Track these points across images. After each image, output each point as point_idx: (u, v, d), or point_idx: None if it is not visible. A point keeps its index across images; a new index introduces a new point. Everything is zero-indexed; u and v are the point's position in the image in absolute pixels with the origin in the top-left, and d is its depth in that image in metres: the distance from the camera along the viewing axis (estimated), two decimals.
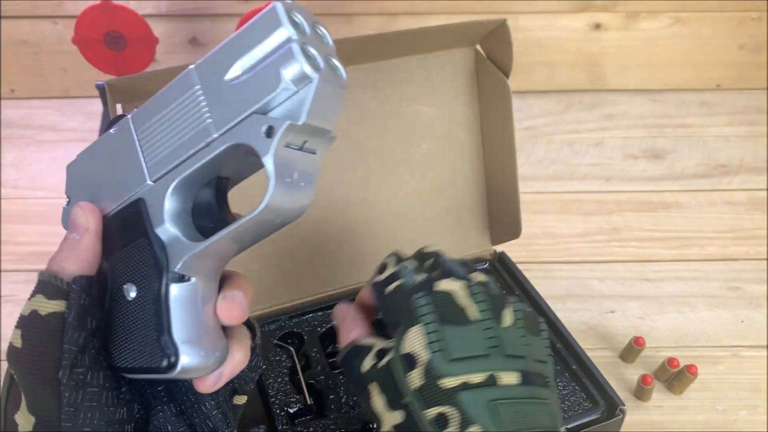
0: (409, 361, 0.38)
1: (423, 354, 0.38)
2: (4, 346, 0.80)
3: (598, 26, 1.13)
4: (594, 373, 0.65)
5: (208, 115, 0.34)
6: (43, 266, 0.39)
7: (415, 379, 0.37)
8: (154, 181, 0.36)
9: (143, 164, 0.37)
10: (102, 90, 0.97)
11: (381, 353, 0.40)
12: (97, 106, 1.01)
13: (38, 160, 1.04)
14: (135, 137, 0.37)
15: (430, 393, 0.37)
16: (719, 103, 1.14)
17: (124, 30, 0.92)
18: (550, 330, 0.71)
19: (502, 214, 0.79)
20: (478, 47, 0.75)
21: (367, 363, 0.40)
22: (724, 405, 0.73)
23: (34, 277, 0.92)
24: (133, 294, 0.35)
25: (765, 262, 0.89)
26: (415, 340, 0.38)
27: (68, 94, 1.14)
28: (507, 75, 0.72)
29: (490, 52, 0.74)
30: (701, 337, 0.80)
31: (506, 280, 0.76)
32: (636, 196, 0.98)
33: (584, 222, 0.94)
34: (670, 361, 0.73)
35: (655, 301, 0.84)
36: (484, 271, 0.79)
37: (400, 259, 0.47)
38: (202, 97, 0.35)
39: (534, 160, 1.04)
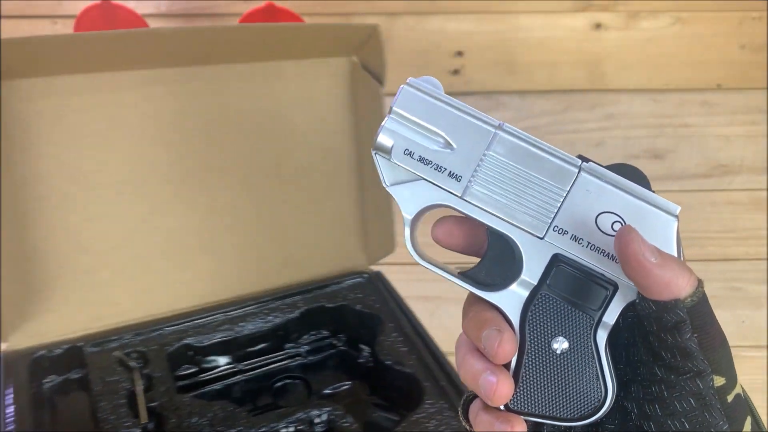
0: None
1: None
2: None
3: (598, 26, 1.13)
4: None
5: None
6: None
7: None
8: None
9: (553, 216, 0.36)
10: None
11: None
12: None
13: None
14: (571, 187, 0.37)
15: None
16: (720, 103, 1.14)
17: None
18: (422, 346, 0.72)
19: (377, 228, 0.76)
20: (354, 57, 0.71)
21: None
22: None
23: None
24: (564, 347, 0.36)
25: (765, 262, 0.89)
26: None
27: None
28: (381, 83, 0.70)
29: (365, 59, 0.72)
30: None
31: (383, 294, 0.76)
32: None
33: None
34: None
35: None
36: (360, 284, 0.79)
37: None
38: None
39: None
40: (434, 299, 0.85)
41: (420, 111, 0.37)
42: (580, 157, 0.38)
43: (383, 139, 0.37)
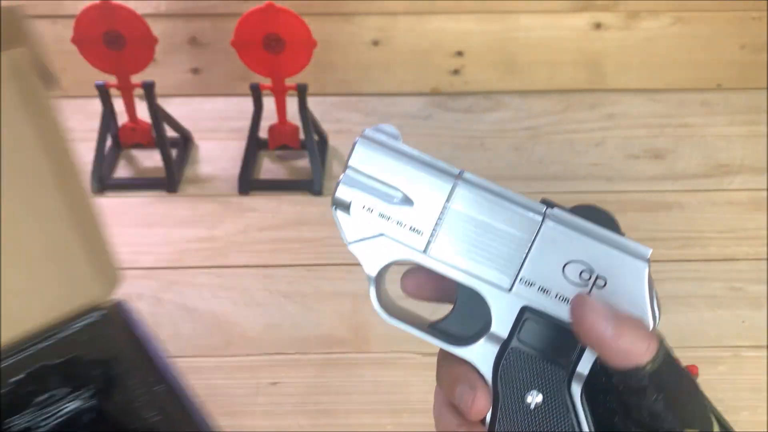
0: None
1: None
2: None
3: (598, 26, 1.13)
4: None
5: None
6: None
7: None
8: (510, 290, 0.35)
9: (518, 268, 0.35)
10: (102, 90, 0.97)
11: None
12: (96, 105, 1.01)
13: None
14: (535, 237, 0.35)
15: None
16: (720, 103, 1.14)
17: (124, 30, 0.91)
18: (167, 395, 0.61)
19: (98, 257, 0.65)
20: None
21: None
22: (725, 405, 0.73)
23: None
24: (537, 401, 0.35)
25: (766, 262, 0.89)
26: None
27: (67, 93, 1.14)
28: (48, 80, 0.59)
29: (19, 54, 0.58)
30: (702, 338, 0.80)
31: (123, 333, 0.65)
32: (637, 196, 0.98)
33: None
34: None
35: None
36: (94, 324, 0.65)
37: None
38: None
39: (534, 160, 1.04)
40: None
41: (376, 165, 0.36)
42: (544, 201, 0.36)
43: (341, 194, 0.36)
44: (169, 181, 0.98)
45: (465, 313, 0.37)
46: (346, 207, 0.36)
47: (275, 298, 0.85)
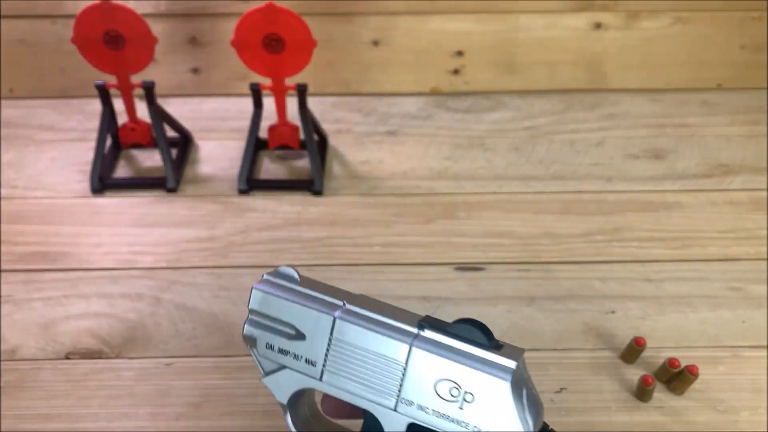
0: None
1: None
2: (5, 346, 0.80)
3: (598, 26, 1.13)
4: None
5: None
6: (41, 266, 0.39)
7: None
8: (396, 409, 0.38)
9: (398, 390, 0.38)
10: (101, 90, 0.97)
11: None
12: (96, 105, 1.01)
13: (37, 159, 1.03)
14: (407, 361, 0.38)
15: None
16: (720, 103, 1.14)
17: (123, 29, 0.91)
18: None
19: None
20: None
21: None
22: (725, 406, 0.73)
23: (32, 278, 0.93)
24: None
25: (766, 262, 0.89)
26: None
27: (67, 93, 1.14)
28: None
29: None
30: (702, 338, 0.80)
31: None
32: (637, 196, 0.98)
33: (585, 222, 0.94)
34: (671, 362, 0.73)
35: (656, 301, 0.84)
36: None
37: None
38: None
39: (534, 159, 1.04)
40: (434, 299, 0.85)
41: (271, 307, 0.41)
42: (420, 323, 0.39)
43: (247, 333, 0.42)
44: (169, 181, 0.98)
45: (371, 430, 0.40)
46: (254, 346, 0.42)
47: None
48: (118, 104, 1.01)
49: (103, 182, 0.99)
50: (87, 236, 0.92)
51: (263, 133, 1.03)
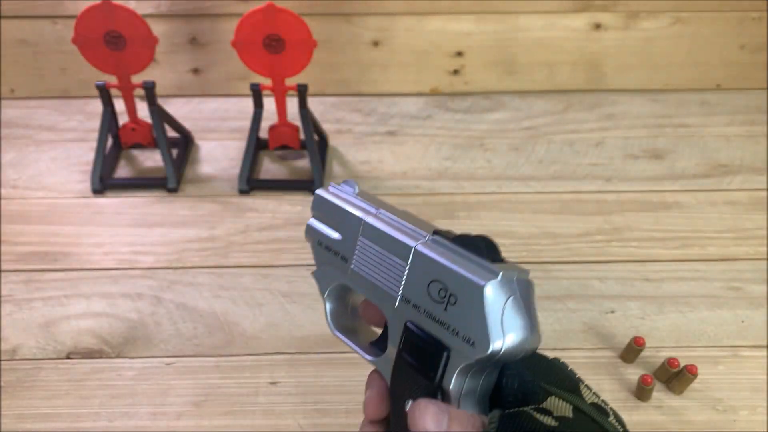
0: (600, 410, 0.39)
1: (606, 406, 0.39)
2: (5, 346, 0.80)
3: (598, 26, 1.13)
4: None
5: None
6: (42, 266, 0.39)
7: (615, 425, 0.38)
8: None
9: (400, 288, 0.41)
10: (102, 90, 0.97)
11: (543, 411, 0.38)
12: (96, 106, 1.01)
13: (37, 159, 1.04)
14: (410, 261, 0.41)
15: None
16: (720, 103, 1.14)
17: (124, 30, 0.92)
18: None
19: None
20: None
21: (545, 419, 0.37)
22: (724, 405, 0.73)
23: (33, 277, 0.93)
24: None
25: (765, 262, 0.89)
26: (590, 394, 0.40)
27: (67, 93, 1.14)
28: None
29: None
30: (701, 337, 0.80)
31: None
32: (636, 196, 0.98)
33: (584, 222, 0.94)
34: (671, 361, 0.73)
35: (656, 301, 0.84)
36: None
37: None
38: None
39: (534, 160, 1.04)
40: None
41: (323, 209, 0.47)
42: (434, 231, 0.41)
43: (306, 233, 0.48)
44: (170, 181, 0.98)
45: (386, 331, 0.43)
46: (311, 242, 0.48)
47: (275, 298, 0.85)
48: (119, 104, 1.01)
49: (103, 182, 0.99)
50: (87, 236, 0.92)
51: (263, 133, 1.03)
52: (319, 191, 0.48)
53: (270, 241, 0.92)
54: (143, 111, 1.01)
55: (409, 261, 0.40)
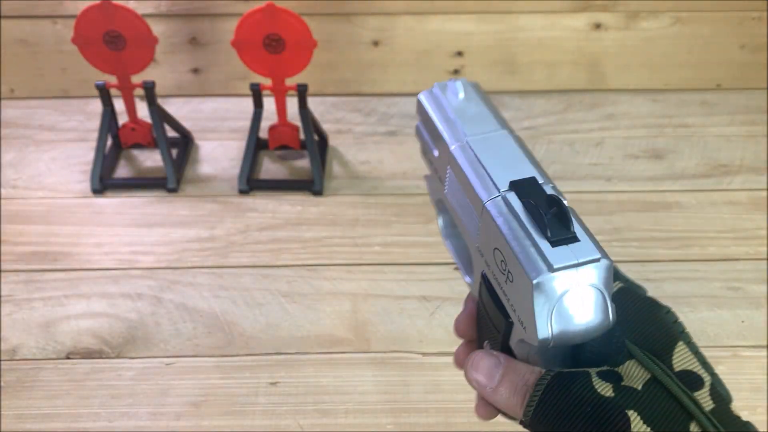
0: (692, 379, 0.33)
1: (703, 374, 0.34)
2: (5, 346, 0.80)
3: (598, 26, 1.13)
4: None
5: None
6: (41, 266, 0.39)
7: (707, 400, 0.33)
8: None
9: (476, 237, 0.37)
10: (102, 90, 0.97)
11: (610, 376, 0.33)
12: (96, 105, 1.01)
13: (37, 159, 1.03)
14: (481, 215, 0.36)
15: (724, 418, 0.33)
16: (720, 103, 1.14)
17: (124, 30, 0.91)
18: None
19: None
20: None
21: (603, 388, 0.33)
22: None
23: (33, 278, 0.92)
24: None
25: (765, 262, 0.89)
26: (686, 357, 0.34)
27: (67, 93, 1.14)
28: None
29: None
30: (702, 337, 0.80)
31: None
32: (636, 196, 0.98)
33: (585, 222, 0.94)
34: None
35: None
36: None
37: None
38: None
39: None
40: (434, 299, 0.85)
41: (424, 120, 0.42)
42: (515, 182, 0.35)
43: (416, 133, 0.43)
44: (169, 181, 0.98)
45: None
46: (421, 149, 0.43)
47: (275, 298, 0.85)
48: (119, 104, 1.01)
49: (103, 182, 0.99)
50: (87, 236, 0.92)
51: (263, 133, 1.03)
52: (421, 95, 0.43)
53: (270, 241, 0.92)
54: (143, 111, 1.01)
55: (480, 217, 0.36)
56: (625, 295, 0.38)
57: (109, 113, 0.99)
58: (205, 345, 0.80)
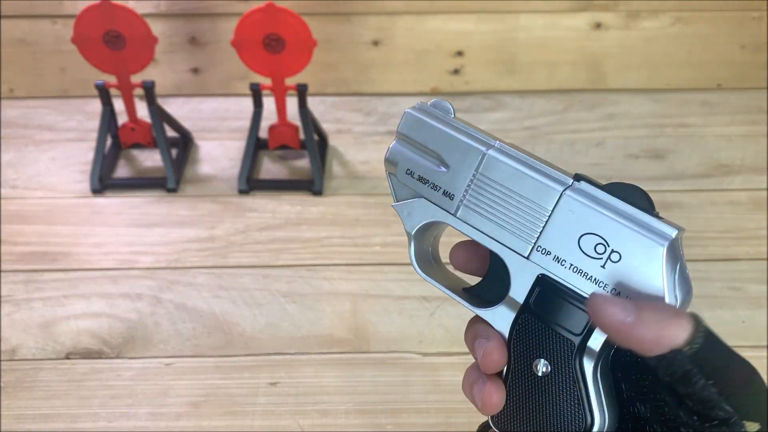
0: None
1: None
2: (5, 346, 0.80)
3: (598, 26, 1.13)
4: None
5: None
6: (41, 266, 0.39)
7: None
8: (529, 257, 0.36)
9: (537, 236, 0.36)
10: (101, 89, 0.97)
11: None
12: (96, 105, 1.01)
13: (37, 159, 1.03)
14: (554, 207, 0.36)
15: None
16: (720, 103, 1.14)
17: (123, 29, 0.91)
18: None
19: None
20: None
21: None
22: None
23: (33, 278, 0.92)
24: (545, 370, 0.36)
25: (766, 262, 0.89)
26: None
27: (67, 93, 1.14)
28: None
29: None
30: None
31: None
32: None
33: None
34: None
35: None
36: None
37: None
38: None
39: None
40: (434, 299, 0.85)
41: (420, 133, 0.39)
42: (577, 176, 0.36)
43: (389, 158, 0.40)
44: (169, 181, 0.98)
45: (495, 279, 0.39)
46: (394, 170, 0.40)
47: (275, 298, 0.85)
48: (118, 104, 1.01)
49: (103, 182, 0.99)
50: (87, 236, 0.92)
51: (263, 133, 1.03)
52: (410, 110, 0.40)
53: (270, 241, 0.92)
54: (142, 111, 1.01)
55: (554, 209, 0.35)
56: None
57: (108, 113, 0.99)
58: (205, 345, 0.80)
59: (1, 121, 1.10)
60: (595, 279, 0.34)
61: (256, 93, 0.98)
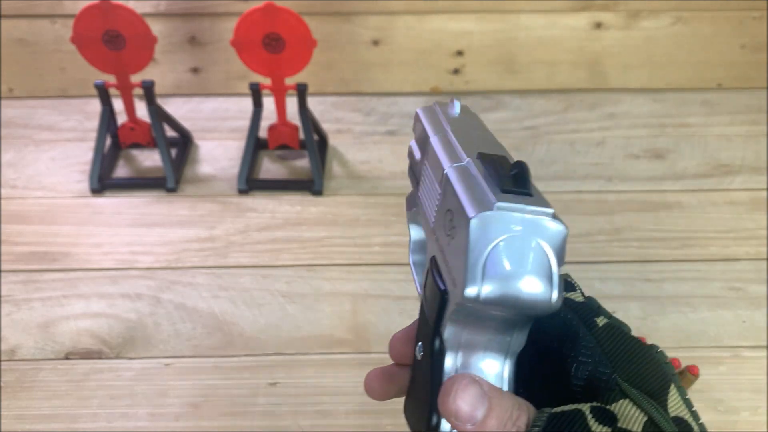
0: (683, 428, 0.31)
1: (692, 423, 0.32)
2: (4, 346, 0.80)
3: (599, 25, 1.13)
4: None
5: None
6: (40, 266, 0.39)
7: None
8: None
9: (434, 217, 0.35)
10: (101, 89, 0.96)
11: (604, 415, 0.30)
12: (95, 105, 1.01)
13: (36, 159, 1.03)
14: (442, 187, 0.33)
15: None
16: (721, 103, 1.14)
17: (123, 29, 0.91)
18: None
19: None
20: None
21: (601, 430, 0.30)
22: (726, 406, 0.73)
23: (32, 278, 0.92)
24: (421, 354, 0.34)
25: (766, 262, 0.88)
26: (678, 403, 0.32)
27: (66, 93, 1.14)
28: None
29: None
30: (702, 338, 0.80)
31: None
32: (637, 195, 0.98)
33: (585, 222, 0.94)
34: (672, 362, 0.73)
35: (657, 301, 0.84)
36: None
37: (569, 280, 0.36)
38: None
39: (535, 159, 1.04)
40: None
41: (418, 130, 0.41)
42: (483, 154, 0.33)
43: (410, 150, 0.42)
44: (169, 181, 0.98)
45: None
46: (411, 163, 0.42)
47: (275, 298, 0.85)
48: (118, 104, 1.00)
49: (102, 182, 0.98)
50: (87, 236, 0.92)
51: (263, 133, 1.03)
52: (419, 109, 0.41)
53: (269, 241, 0.92)
54: (142, 110, 1.01)
55: (442, 187, 0.33)
56: (612, 331, 0.35)
57: (108, 113, 0.99)
58: (205, 345, 0.80)
59: (0, 121, 1.10)
60: (444, 256, 0.31)
61: (256, 93, 0.97)
